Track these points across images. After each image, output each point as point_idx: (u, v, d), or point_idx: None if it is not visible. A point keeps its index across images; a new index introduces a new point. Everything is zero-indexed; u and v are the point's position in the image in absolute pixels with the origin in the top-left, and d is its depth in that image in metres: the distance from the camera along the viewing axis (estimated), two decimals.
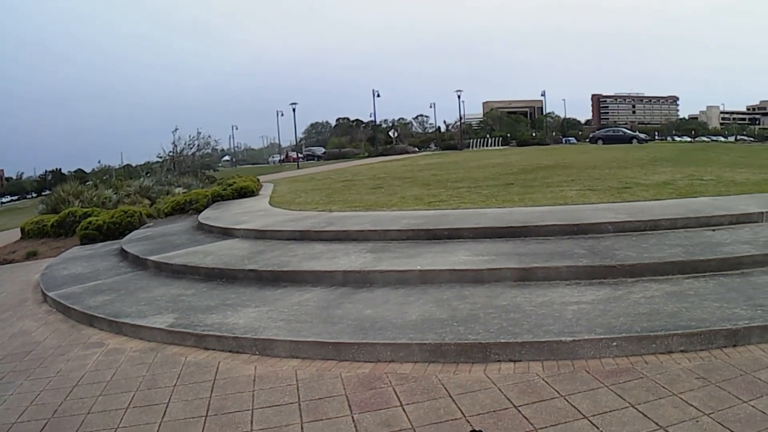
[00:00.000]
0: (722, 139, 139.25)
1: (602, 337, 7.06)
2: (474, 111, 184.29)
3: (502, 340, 7.17)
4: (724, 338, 7.11)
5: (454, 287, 9.54)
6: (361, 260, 11.18)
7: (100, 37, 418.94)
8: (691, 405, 5.65)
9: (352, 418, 5.92)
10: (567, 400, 5.91)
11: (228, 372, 7.43)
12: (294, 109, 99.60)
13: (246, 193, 25.46)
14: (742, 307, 7.79)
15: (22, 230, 24.12)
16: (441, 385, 6.50)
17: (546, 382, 6.38)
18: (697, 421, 5.35)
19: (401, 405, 6.08)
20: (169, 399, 6.79)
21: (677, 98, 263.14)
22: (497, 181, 23.49)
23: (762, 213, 12.64)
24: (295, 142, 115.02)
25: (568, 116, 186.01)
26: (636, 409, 5.64)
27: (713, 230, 11.81)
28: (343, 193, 23.34)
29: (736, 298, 8.20)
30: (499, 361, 7.02)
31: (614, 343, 7.00)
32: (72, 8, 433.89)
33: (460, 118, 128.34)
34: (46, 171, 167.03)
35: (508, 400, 6.01)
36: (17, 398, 7.39)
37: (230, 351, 8.10)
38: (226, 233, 15.74)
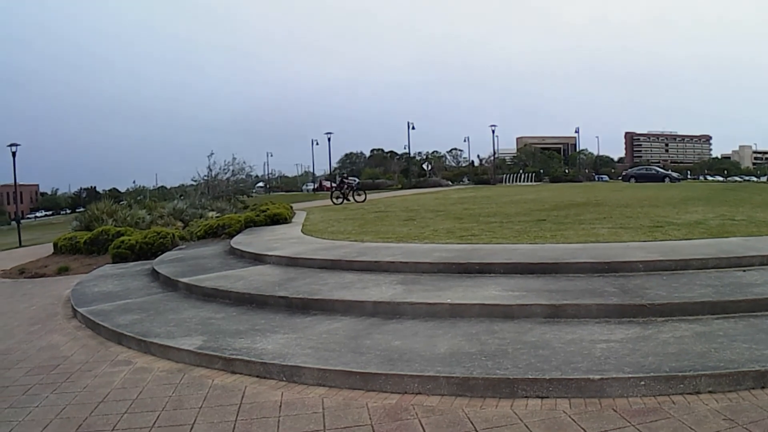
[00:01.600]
0: (754, 179, 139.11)
1: (630, 376, 7.02)
2: (508, 146, 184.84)
3: (530, 376, 7.14)
4: (753, 380, 7.06)
5: (484, 322, 9.52)
6: (392, 291, 11.15)
7: (135, 59, 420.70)
8: None
9: None
10: None
11: (254, 397, 7.42)
12: (329, 139, 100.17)
13: (279, 220, 25.47)
14: None
15: (55, 245, 24.39)
16: (467, 419, 6.47)
17: (572, 419, 6.35)
18: None
19: None
20: (194, 421, 6.80)
21: (710, 137, 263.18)
22: (529, 216, 23.38)
23: None
24: (329, 171, 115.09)
25: (601, 153, 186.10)
26: None
27: (744, 271, 11.73)
28: (376, 223, 23.24)
29: (766, 339, 8.14)
30: (526, 397, 6.99)
31: (642, 383, 6.96)
32: (103, 28, 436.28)
33: (494, 153, 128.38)
34: (80, 188, 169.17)
35: None
36: (42, 411, 7.45)
37: (257, 376, 8.10)
38: (258, 259, 15.76)
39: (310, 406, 7.01)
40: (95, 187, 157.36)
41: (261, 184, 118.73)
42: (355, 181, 53.71)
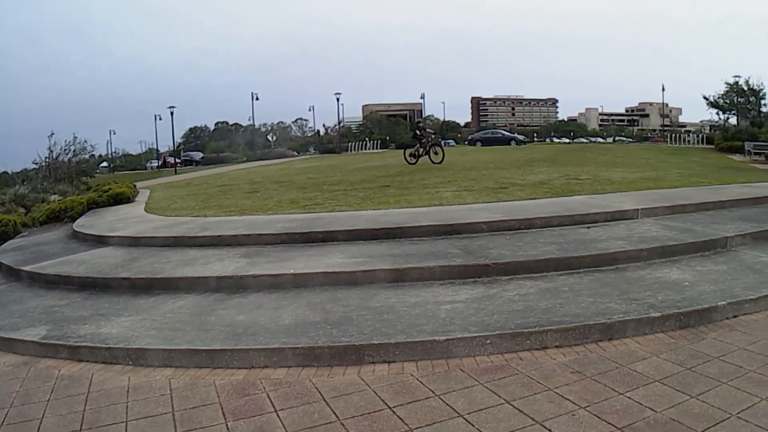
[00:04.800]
0: (601, 140, 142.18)
1: (476, 335, 7.14)
2: (354, 114, 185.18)
3: (376, 342, 7.20)
4: (599, 332, 7.29)
5: (328, 290, 9.60)
6: (235, 265, 11.11)
7: None
8: (567, 399, 5.74)
9: (227, 426, 5.84)
10: (442, 399, 5.94)
11: (101, 384, 7.25)
12: (172, 113, 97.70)
13: (122, 199, 24.98)
14: (616, 302, 8.00)
15: None
16: (315, 389, 6.48)
17: (420, 382, 6.41)
18: (573, 415, 5.43)
19: (275, 411, 6.03)
20: (43, 414, 6.59)
21: (557, 100, 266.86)
22: (374, 183, 23.73)
23: (637, 210, 12.99)
24: (173, 147, 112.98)
25: (447, 119, 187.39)
26: (511, 405, 5.70)
27: (588, 228, 12.06)
28: (219, 198, 23.14)
29: (611, 293, 8.41)
30: (373, 362, 7.06)
31: (488, 341, 7.09)
32: None
33: (339, 122, 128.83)
34: None
35: (383, 401, 6.02)
36: None
37: (104, 362, 7.91)
38: (101, 241, 15.42)
39: (158, 389, 6.90)
40: None
41: (105, 163, 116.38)
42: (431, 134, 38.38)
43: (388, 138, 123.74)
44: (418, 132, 36.50)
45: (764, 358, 6.63)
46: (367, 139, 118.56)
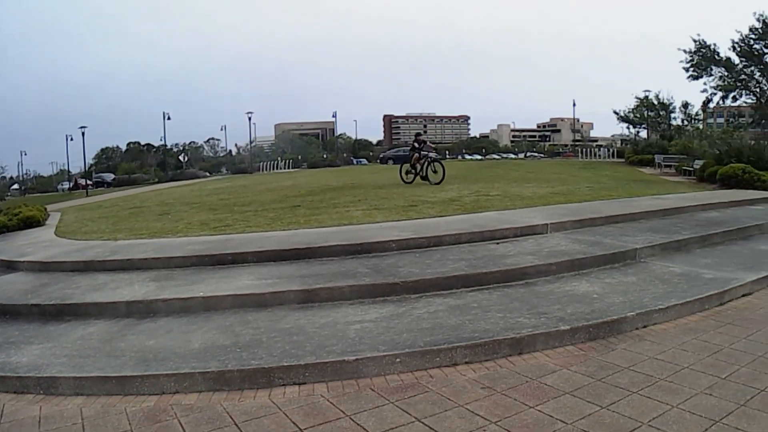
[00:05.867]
0: (513, 156, 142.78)
1: (385, 354, 7.19)
2: (267, 133, 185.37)
3: (286, 364, 7.19)
4: (509, 347, 7.38)
5: (238, 313, 9.55)
6: (145, 289, 10.95)
7: None
8: (478, 415, 5.79)
9: None
10: (352, 420, 5.94)
11: (13, 414, 7.07)
12: (83, 133, 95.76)
13: (32, 223, 24.37)
14: (525, 316, 8.12)
15: None
16: (226, 413, 6.43)
17: (331, 402, 6.41)
18: (484, 431, 5.46)
19: None
20: None
21: (468, 117, 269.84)
22: (284, 203, 23.65)
23: (546, 224, 13.17)
24: (84, 169, 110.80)
25: (359, 137, 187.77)
26: (422, 423, 5.73)
27: (498, 243, 12.18)
28: (130, 220, 22.82)
29: (520, 307, 8.54)
30: (283, 385, 7.03)
31: (398, 359, 7.13)
32: None
33: (251, 141, 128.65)
34: None
35: (294, 423, 6.00)
36: None
37: (15, 392, 7.71)
38: (11, 266, 15.01)
39: (69, 418, 6.77)
40: None
41: (16, 186, 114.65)
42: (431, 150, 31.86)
43: (300, 157, 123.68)
44: (416, 144, 30.62)
45: (674, 366, 6.81)
46: (279, 158, 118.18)
